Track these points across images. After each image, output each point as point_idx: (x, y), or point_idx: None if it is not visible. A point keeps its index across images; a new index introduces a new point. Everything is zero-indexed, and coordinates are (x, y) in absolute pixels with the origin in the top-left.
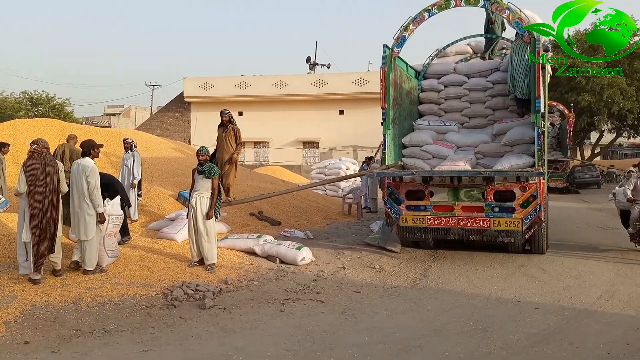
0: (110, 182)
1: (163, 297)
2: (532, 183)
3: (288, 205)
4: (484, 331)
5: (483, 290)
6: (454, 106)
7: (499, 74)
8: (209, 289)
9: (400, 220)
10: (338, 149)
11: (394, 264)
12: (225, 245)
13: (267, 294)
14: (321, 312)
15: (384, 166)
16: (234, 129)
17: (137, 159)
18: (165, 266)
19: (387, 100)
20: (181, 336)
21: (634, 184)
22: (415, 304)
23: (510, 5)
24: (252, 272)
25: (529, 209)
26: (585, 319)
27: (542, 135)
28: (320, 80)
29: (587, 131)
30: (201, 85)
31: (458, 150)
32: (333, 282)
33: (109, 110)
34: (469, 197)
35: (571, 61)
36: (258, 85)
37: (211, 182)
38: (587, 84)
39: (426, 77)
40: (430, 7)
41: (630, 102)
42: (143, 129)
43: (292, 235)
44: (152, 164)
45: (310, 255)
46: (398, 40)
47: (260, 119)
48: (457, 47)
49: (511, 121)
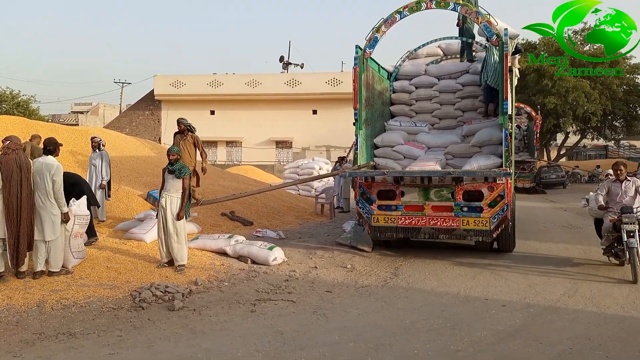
0: (76, 182)
1: (131, 298)
2: (500, 183)
3: (260, 205)
4: (452, 329)
5: (452, 288)
6: (424, 107)
7: (469, 76)
8: (179, 290)
9: (371, 220)
10: (311, 148)
11: (365, 264)
12: (196, 246)
13: (238, 295)
14: (292, 312)
15: (356, 166)
16: (193, 137)
17: (106, 158)
18: (134, 267)
19: (359, 100)
20: (149, 338)
21: (607, 189)
22: (385, 302)
23: (480, 9)
24: (222, 273)
25: (496, 208)
26: (549, 315)
27: (509, 137)
28: (294, 80)
29: (553, 133)
30: (172, 83)
31: (428, 150)
32: (305, 282)
33: (77, 108)
34: (439, 197)
35: (538, 65)
36: (230, 84)
37: (182, 182)
38: (554, 86)
39: (398, 79)
40: (402, 9)
41: (594, 105)
42: (112, 127)
43: (264, 235)
44: (120, 163)
45: (282, 255)
46: (370, 42)
47: (232, 118)
48: (428, 49)
49: (480, 122)
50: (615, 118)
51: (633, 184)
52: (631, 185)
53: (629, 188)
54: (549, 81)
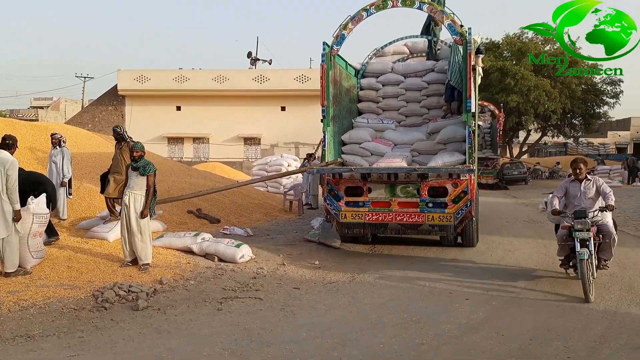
0: (40, 181)
1: (93, 299)
2: (463, 179)
3: (228, 202)
4: (417, 322)
5: (417, 282)
6: (391, 105)
7: (434, 74)
8: (143, 289)
9: (339, 216)
10: (280, 145)
11: (333, 260)
12: (161, 244)
13: (204, 293)
14: (260, 310)
15: (323, 163)
16: (128, 145)
17: (67, 156)
18: (96, 267)
19: (327, 97)
20: (112, 339)
21: (564, 190)
22: (353, 298)
23: (445, 8)
24: (188, 271)
25: (460, 204)
26: (511, 308)
27: (472, 134)
28: (262, 76)
29: (515, 130)
30: (136, 78)
31: (395, 147)
32: (272, 279)
33: (36, 102)
34: (405, 193)
35: (501, 64)
36: (197, 79)
37: (146, 180)
38: (516, 85)
39: (365, 76)
40: (369, 7)
41: (554, 104)
42: (73, 123)
43: (231, 232)
44: (82, 160)
45: (249, 252)
46: (337, 39)
47: (199, 114)
48: (394, 47)
49: (444, 120)
50: (574, 116)
51: (594, 183)
52: (591, 185)
53: (588, 188)
54: (511, 80)
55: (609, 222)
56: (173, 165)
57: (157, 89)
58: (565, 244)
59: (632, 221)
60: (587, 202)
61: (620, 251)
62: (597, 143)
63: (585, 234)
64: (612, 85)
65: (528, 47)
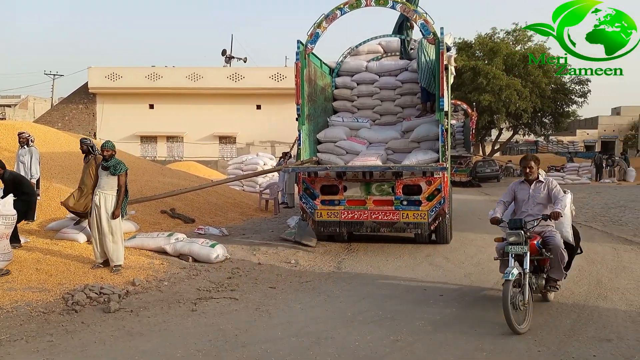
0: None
1: (63, 302)
2: (437, 177)
3: (203, 201)
4: (392, 319)
5: (392, 280)
6: (366, 103)
7: (408, 73)
8: (115, 291)
9: (315, 215)
10: (256, 144)
11: (309, 258)
12: (133, 245)
13: (178, 294)
14: (235, 310)
15: (299, 161)
16: (96, 159)
17: (35, 155)
18: (66, 269)
19: (301, 96)
20: (83, 342)
21: (512, 193)
22: (328, 296)
23: (417, 8)
24: (162, 272)
25: (434, 201)
26: (483, 303)
27: (445, 132)
28: (237, 74)
29: (488, 129)
30: (108, 75)
31: (370, 146)
32: (248, 278)
33: (3, 100)
34: (380, 191)
35: (474, 63)
36: (170, 77)
37: (117, 180)
38: (488, 84)
39: (340, 75)
40: (342, 6)
41: (525, 103)
42: (43, 121)
43: (206, 232)
44: (51, 160)
45: (225, 252)
46: (312, 37)
47: (173, 113)
48: (368, 46)
49: (418, 119)
50: (545, 115)
51: (545, 186)
52: (542, 187)
53: (539, 191)
54: (483, 79)
55: (556, 235)
56: (146, 165)
57: (129, 87)
58: (504, 259)
59: (600, 217)
60: (534, 208)
61: (588, 247)
62: (567, 141)
63: (519, 248)
64: (580, 84)
65: (499, 46)
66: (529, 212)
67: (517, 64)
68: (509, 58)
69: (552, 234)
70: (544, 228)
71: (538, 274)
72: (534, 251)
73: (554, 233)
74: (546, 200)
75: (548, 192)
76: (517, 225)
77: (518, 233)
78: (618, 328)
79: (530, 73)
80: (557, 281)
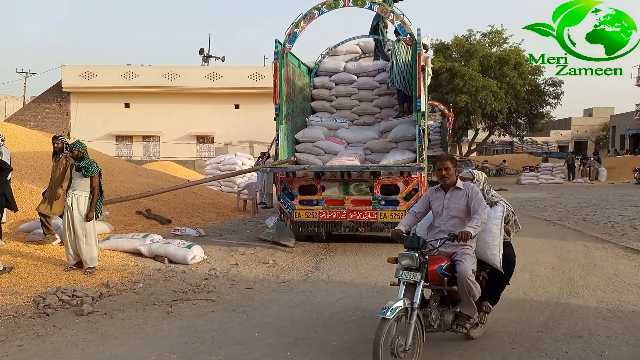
0: None
1: (34, 305)
2: (414, 177)
3: (179, 202)
4: (369, 319)
5: (370, 279)
6: (344, 103)
7: (386, 74)
8: (88, 293)
9: (293, 215)
10: (234, 144)
11: (287, 259)
12: (108, 247)
13: (153, 296)
14: (211, 312)
15: (277, 161)
16: (67, 158)
17: (6, 155)
18: (37, 271)
19: (279, 95)
20: (54, 346)
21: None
22: (306, 297)
23: (394, 9)
24: (137, 274)
25: (411, 201)
26: None
27: (422, 133)
28: (215, 74)
29: (464, 129)
30: (82, 74)
31: (348, 146)
32: (225, 279)
33: None
34: (358, 191)
35: (450, 65)
36: (146, 75)
37: (90, 181)
38: (464, 86)
39: (318, 75)
40: (320, 6)
41: (500, 104)
42: (14, 120)
43: (183, 233)
44: (22, 159)
45: (201, 253)
46: (290, 37)
47: (149, 112)
48: (347, 46)
49: (396, 119)
50: (519, 116)
51: (464, 193)
52: (461, 195)
53: (455, 201)
54: (460, 80)
55: (465, 261)
56: (121, 165)
57: (104, 86)
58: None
59: (572, 216)
60: (448, 223)
61: (560, 245)
62: (541, 141)
63: (409, 275)
64: (554, 86)
65: (476, 48)
66: (441, 228)
67: (492, 66)
68: (485, 60)
69: (462, 258)
70: (458, 249)
71: (448, 307)
72: (435, 279)
73: (465, 257)
74: (464, 213)
75: (468, 201)
76: (413, 244)
77: (412, 256)
78: (589, 325)
79: (506, 75)
80: (468, 318)
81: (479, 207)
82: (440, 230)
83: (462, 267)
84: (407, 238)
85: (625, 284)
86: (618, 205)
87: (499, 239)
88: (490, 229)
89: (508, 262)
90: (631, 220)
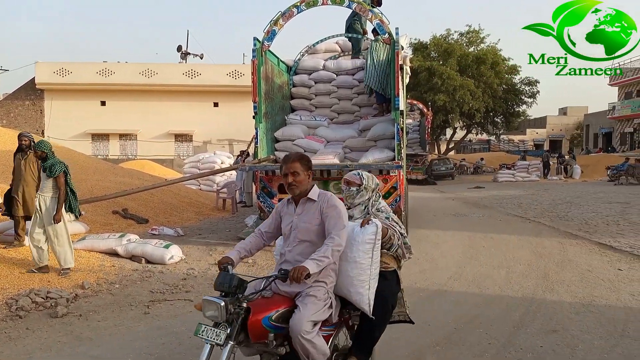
0: None
1: (6, 307)
2: (393, 175)
3: (157, 201)
4: None
5: None
6: (323, 102)
7: (364, 72)
8: (62, 295)
9: None
10: (213, 142)
11: (267, 257)
12: (83, 247)
13: (130, 297)
14: (189, 312)
15: (256, 160)
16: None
17: None
18: (9, 273)
19: (258, 93)
20: (27, 349)
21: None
22: None
23: (373, 8)
24: (113, 275)
25: (390, 199)
26: (437, 299)
27: (401, 131)
28: (193, 71)
29: (442, 128)
30: (56, 71)
31: (328, 144)
32: (204, 279)
33: None
34: (338, 189)
35: (429, 64)
36: (123, 73)
37: (56, 181)
38: (443, 85)
39: (297, 73)
40: (299, 4)
41: (478, 102)
42: None
43: (160, 233)
44: None
45: (179, 253)
46: (268, 34)
47: (126, 110)
48: (326, 44)
49: (375, 118)
50: (496, 114)
51: (318, 207)
52: (315, 209)
53: (307, 217)
54: (438, 80)
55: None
56: (97, 164)
57: (79, 83)
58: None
59: (547, 213)
60: (295, 249)
61: (536, 241)
62: (517, 140)
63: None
64: (530, 85)
65: (453, 48)
66: (286, 257)
67: (470, 65)
68: (463, 59)
69: (303, 303)
70: (304, 288)
71: None
72: (258, 334)
73: (307, 302)
74: (317, 235)
75: (323, 218)
76: (224, 286)
77: (218, 305)
78: (563, 319)
79: (483, 74)
80: None
81: (334, 228)
82: (285, 261)
83: (296, 318)
84: (219, 276)
85: (598, 279)
86: (592, 202)
87: (369, 273)
88: (355, 259)
89: (382, 300)
90: (604, 217)
